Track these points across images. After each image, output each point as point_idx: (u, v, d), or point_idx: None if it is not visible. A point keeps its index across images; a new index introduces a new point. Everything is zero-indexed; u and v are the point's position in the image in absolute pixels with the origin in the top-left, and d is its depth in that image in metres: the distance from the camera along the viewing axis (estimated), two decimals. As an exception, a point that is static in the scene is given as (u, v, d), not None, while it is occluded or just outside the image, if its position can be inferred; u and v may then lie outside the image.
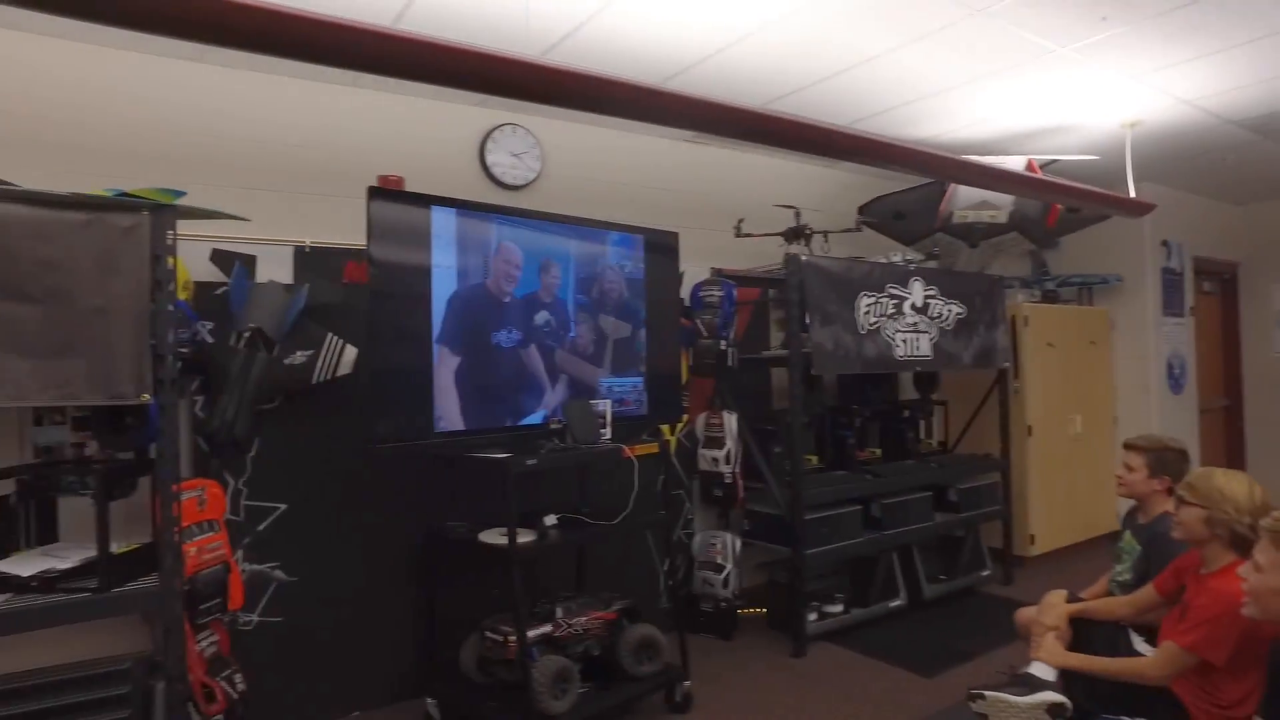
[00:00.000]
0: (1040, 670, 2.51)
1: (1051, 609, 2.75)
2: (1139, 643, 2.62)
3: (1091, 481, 5.84)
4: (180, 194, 2.52)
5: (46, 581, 2.34)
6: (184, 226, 2.58)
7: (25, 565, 2.37)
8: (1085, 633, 2.67)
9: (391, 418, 2.90)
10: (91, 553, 2.40)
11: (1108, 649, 2.57)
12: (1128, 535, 2.95)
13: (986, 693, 2.46)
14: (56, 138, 3.02)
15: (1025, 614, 2.93)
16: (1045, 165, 4.74)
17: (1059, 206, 4.83)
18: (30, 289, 2.25)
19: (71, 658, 2.67)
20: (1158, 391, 6.11)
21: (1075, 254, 6.32)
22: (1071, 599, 2.79)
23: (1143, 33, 3.31)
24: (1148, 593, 2.63)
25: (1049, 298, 6.01)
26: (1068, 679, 2.50)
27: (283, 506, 3.23)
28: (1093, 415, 5.93)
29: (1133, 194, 4.66)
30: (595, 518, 3.32)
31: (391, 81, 3.32)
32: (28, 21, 2.86)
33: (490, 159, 4.00)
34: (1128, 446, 2.96)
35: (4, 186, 2.37)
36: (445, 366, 3.05)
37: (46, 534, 2.61)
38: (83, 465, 2.60)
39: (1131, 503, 3.02)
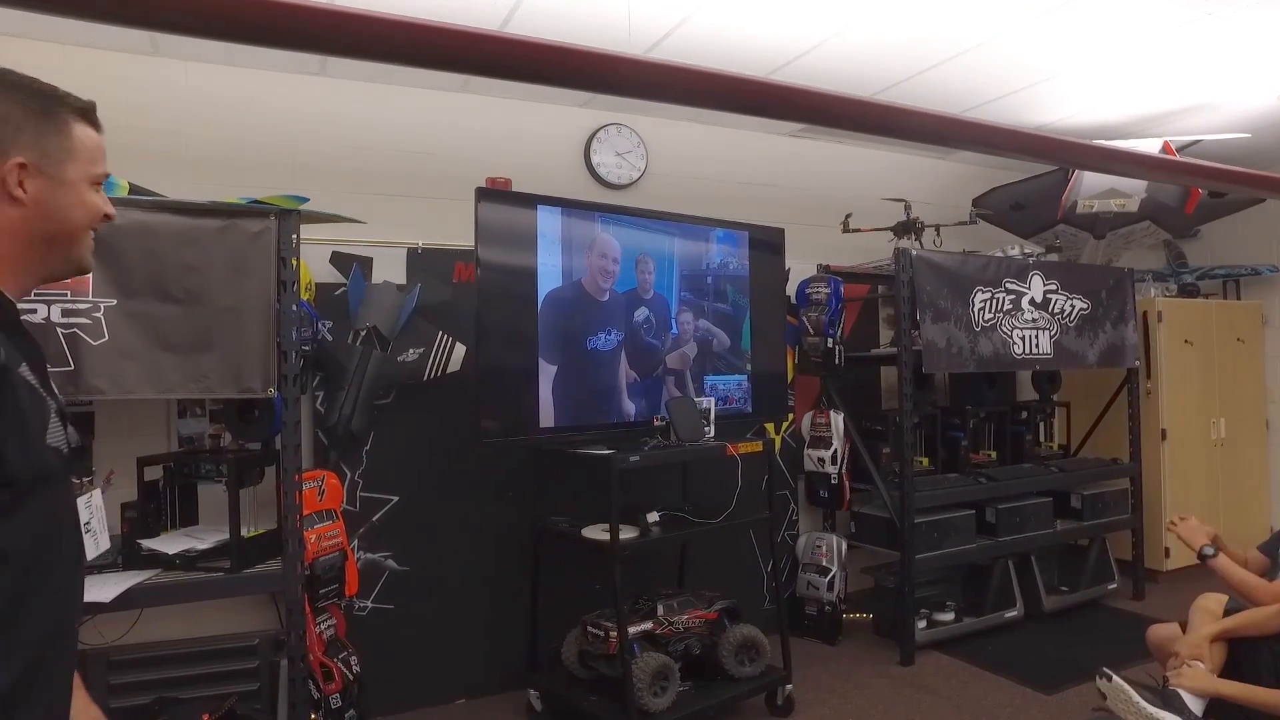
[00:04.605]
0: (1188, 699, 2.29)
1: (1206, 613, 2.49)
2: None
3: (1238, 491, 5.37)
4: (303, 200, 2.68)
5: (188, 560, 2.55)
6: (307, 230, 2.74)
7: (170, 544, 2.58)
8: (1247, 655, 2.39)
9: (499, 414, 2.99)
10: (225, 535, 2.59)
11: (1272, 677, 2.32)
12: None
13: (1115, 676, 2.30)
14: (193, 151, 3.26)
15: (1159, 632, 2.71)
16: (1184, 147, 4.39)
17: (1199, 192, 4.47)
18: (174, 290, 2.45)
19: (205, 632, 2.89)
20: (1322, 393, 5.56)
21: (1219, 243, 5.81)
22: (1232, 608, 2.53)
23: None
24: None
25: (1187, 291, 5.55)
26: (1219, 712, 2.28)
27: (395, 498, 3.38)
28: (1240, 419, 5.44)
29: (1290, 175, 4.25)
30: (698, 516, 3.31)
31: (499, 86, 3.44)
32: (172, 48, 3.10)
33: (595, 159, 4.05)
34: None
35: (154, 198, 2.59)
36: (548, 363, 3.11)
37: (188, 516, 2.83)
38: (218, 454, 2.80)
39: None
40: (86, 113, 1.11)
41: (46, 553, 1.01)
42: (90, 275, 2.35)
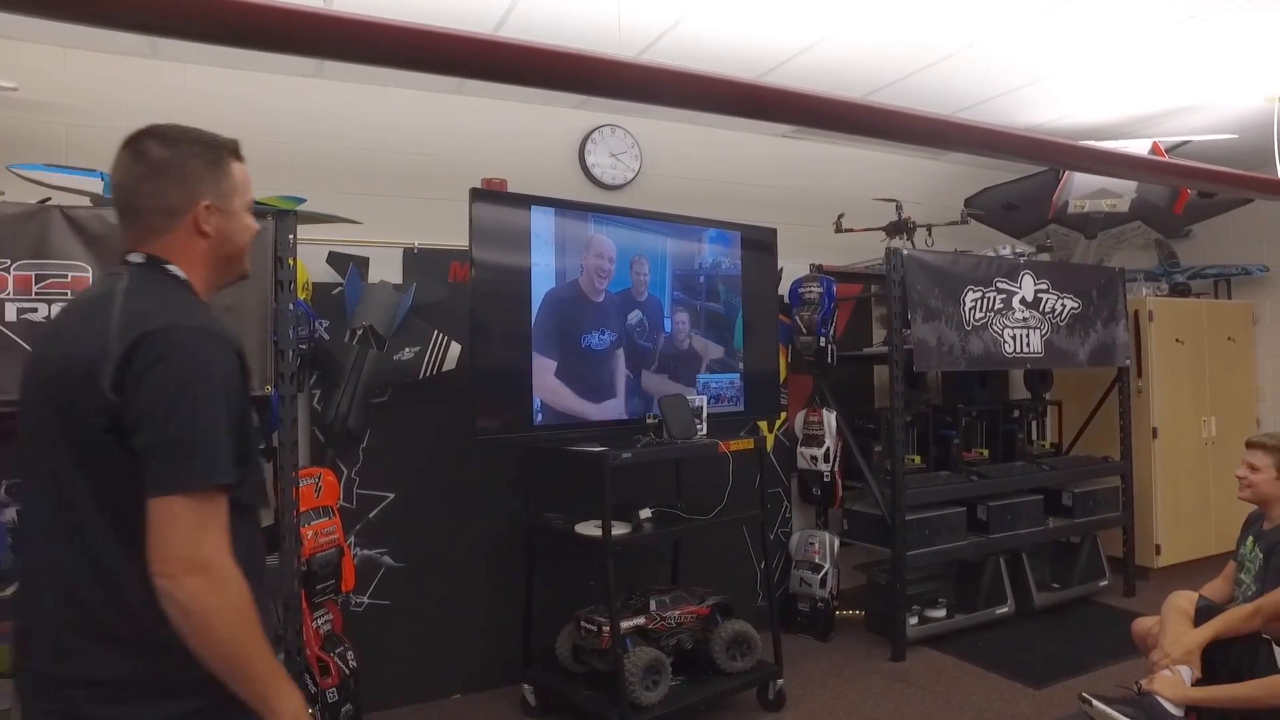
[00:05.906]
0: (1168, 705, 2.32)
1: (1179, 614, 2.53)
2: None
3: (1228, 489, 5.31)
4: (301, 200, 2.71)
5: (186, 556, 2.56)
6: (304, 231, 2.77)
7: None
8: (1223, 657, 2.42)
9: (493, 412, 3.02)
10: (223, 531, 2.61)
11: (1246, 667, 2.36)
12: (1250, 542, 2.73)
13: (1095, 702, 2.33)
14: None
15: (1143, 624, 2.76)
16: (1173, 148, 4.43)
17: (1188, 192, 4.51)
18: (172, 290, 2.47)
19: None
20: (1310, 392, 5.60)
21: (1210, 243, 5.86)
22: (1203, 606, 2.57)
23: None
24: (1277, 599, 2.41)
25: (1178, 291, 5.60)
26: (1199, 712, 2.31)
27: (391, 495, 3.41)
28: (1230, 417, 5.48)
29: (1280, 175, 4.30)
30: (691, 513, 3.34)
31: (494, 87, 3.47)
32: (171, 51, 3.13)
33: (590, 159, 4.09)
34: (1252, 445, 2.74)
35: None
36: (542, 363, 3.14)
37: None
38: (216, 451, 2.82)
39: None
40: (236, 150, 1.32)
41: (255, 505, 1.31)
42: (89, 275, 2.39)
